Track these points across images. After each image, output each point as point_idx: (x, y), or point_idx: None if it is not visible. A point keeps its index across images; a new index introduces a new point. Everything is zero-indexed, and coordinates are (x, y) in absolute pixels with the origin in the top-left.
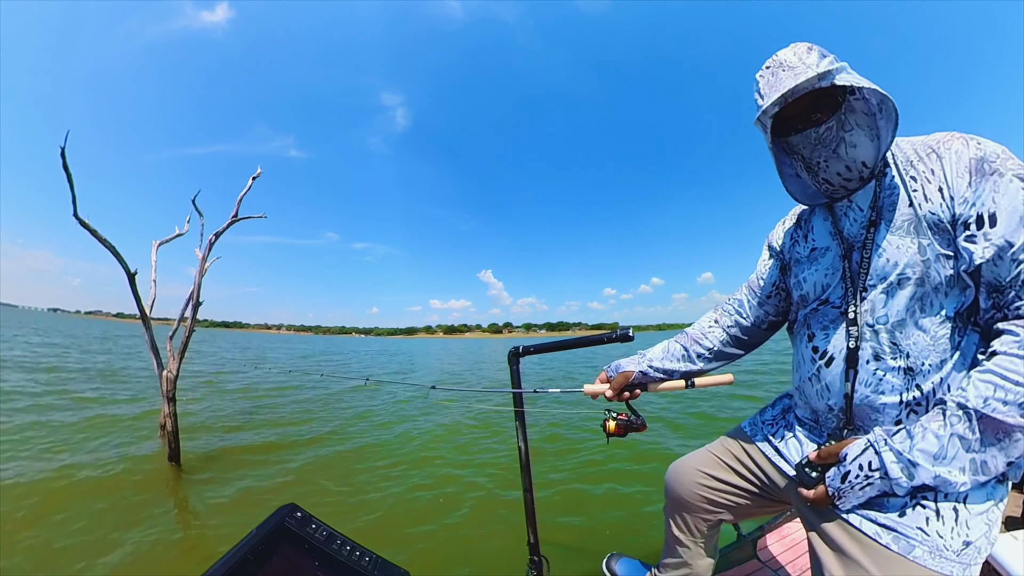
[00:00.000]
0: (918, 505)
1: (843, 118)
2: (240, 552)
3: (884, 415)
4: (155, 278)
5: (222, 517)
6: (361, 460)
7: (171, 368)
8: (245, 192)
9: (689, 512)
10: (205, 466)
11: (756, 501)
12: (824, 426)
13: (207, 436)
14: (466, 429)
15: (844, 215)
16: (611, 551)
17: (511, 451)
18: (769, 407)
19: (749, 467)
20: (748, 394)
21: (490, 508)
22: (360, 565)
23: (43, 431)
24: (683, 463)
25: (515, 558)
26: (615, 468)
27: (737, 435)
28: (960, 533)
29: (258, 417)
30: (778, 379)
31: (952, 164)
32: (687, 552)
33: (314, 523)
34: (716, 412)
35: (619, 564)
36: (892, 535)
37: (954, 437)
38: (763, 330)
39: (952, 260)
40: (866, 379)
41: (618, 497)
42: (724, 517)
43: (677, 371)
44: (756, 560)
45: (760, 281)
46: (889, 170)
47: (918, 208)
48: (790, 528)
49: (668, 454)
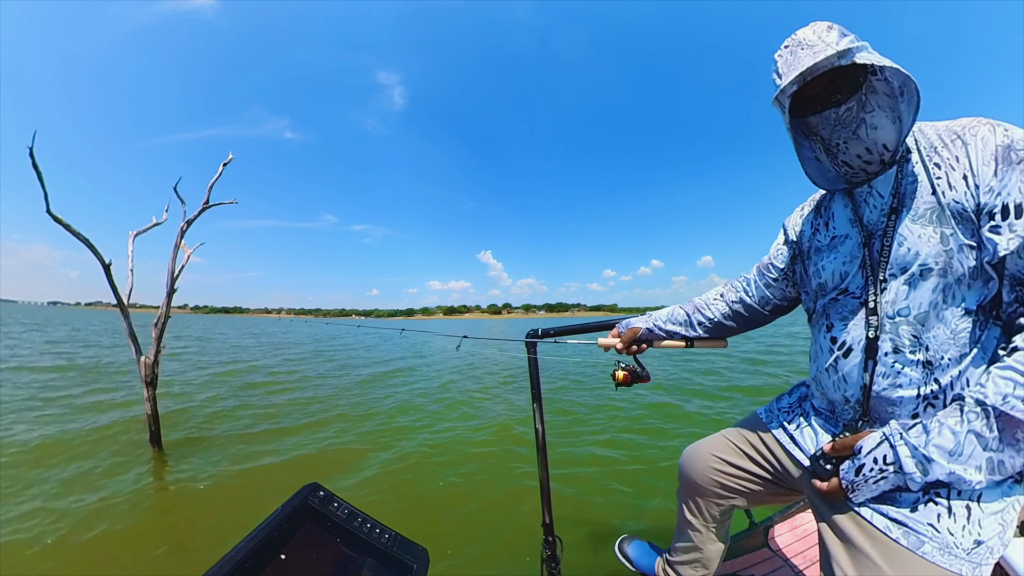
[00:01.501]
0: (930, 501)
1: (864, 99)
2: (266, 529)
3: (901, 408)
4: (132, 267)
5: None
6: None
7: (149, 354)
8: (216, 179)
9: (702, 496)
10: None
11: (769, 488)
12: (840, 417)
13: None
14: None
15: (864, 201)
16: (623, 533)
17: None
18: (786, 395)
19: (763, 454)
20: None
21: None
22: (380, 542)
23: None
24: (698, 447)
25: (529, 538)
26: (631, 450)
27: (752, 421)
28: (972, 532)
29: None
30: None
31: (978, 151)
32: (699, 536)
33: (336, 501)
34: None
35: (631, 546)
36: (902, 530)
37: (971, 434)
38: (766, 312)
39: (975, 251)
40: (884, 371)
41: (632, 478)
42: (737, 503)
43: (678, 333)
44: (767, 548)
45: (770, 264)
46: (911, 156)
47: (941, 196)
48: (802, 518)
49: (686, 439)
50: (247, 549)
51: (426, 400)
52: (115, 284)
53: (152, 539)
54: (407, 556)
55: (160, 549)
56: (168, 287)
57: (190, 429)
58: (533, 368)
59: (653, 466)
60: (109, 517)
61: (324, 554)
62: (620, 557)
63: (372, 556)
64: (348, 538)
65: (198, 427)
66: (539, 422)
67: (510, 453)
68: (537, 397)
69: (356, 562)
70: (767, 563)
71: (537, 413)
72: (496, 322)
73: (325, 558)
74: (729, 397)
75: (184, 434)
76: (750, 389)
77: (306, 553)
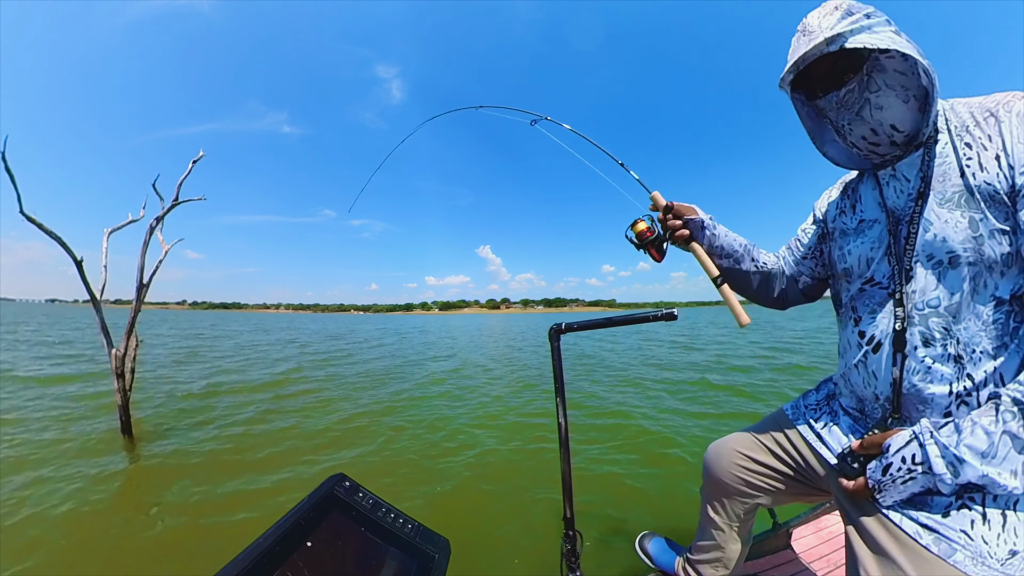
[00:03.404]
0: (964, 506)
1: (866, 79)
2: (293, 517)
3: (933, 406)
4: (106, 264)
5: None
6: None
7: (120, 347)
8: (185, 176)
9: (726, 494)
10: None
11: (794, 487)
12: (870, 416)
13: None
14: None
15: (887, 185)
16: (644, 529)
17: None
18: (813, 391)
19: (789, 452)
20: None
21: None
22: (404, 532)
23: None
24: (723, 444)
25: (548, 530)
26: (655, 450)
27: (779, 418)
28: (1007, 541)
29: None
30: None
31: (1013, 128)
32: (721, 535)
33: (361, 491)
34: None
35: (652, 543)
36: (933, 536)
37: (1006, 435)
38: (797, 288)
39: (1009, 236)
40: (914, 367)
41: (655, 475)
42: (761, 501)
43: (729, 253)
44: (790, 550)
45: (798, 242)
46: (940, 136)
47: (971, 178)
48: (828, 520)
49: (710, 436)
50: (275, 536)
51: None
52: (87, 280)
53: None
54: (429, 546)
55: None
56: (138, 281)
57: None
58: (556, 359)
59: (676, 463)
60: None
61: (349, 542)
62: (640, 553)
63: (395, 545)
64: (372, 527)
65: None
66: (562, 415)
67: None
68: (560, 390)
69: (380, 550)
70: (790, 565)
71: (560, 406)
72: (496, 317)
73: (350, 546)
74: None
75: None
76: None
77: (332, 541)
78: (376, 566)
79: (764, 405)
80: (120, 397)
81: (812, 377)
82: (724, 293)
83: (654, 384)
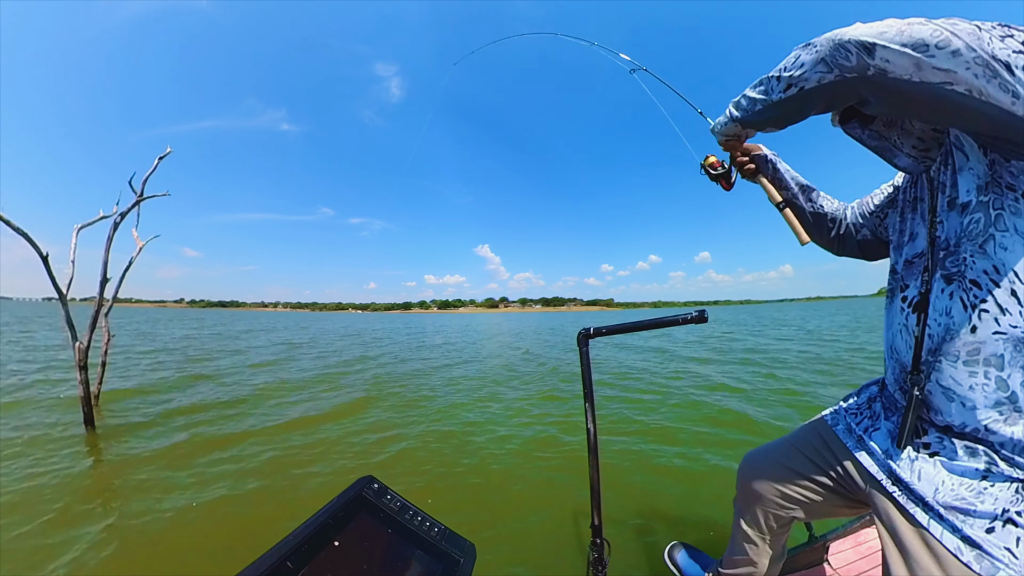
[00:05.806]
0: (1010, 522)
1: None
2: (321, 517)
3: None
4: (74, 259)
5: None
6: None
7: (83, 340)
8: (151, 172)
9: (760, 506)
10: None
11: (832, 499)
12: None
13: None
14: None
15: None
16: (673, 540)
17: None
18: (853, 395)
19: (828, 460)
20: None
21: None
22: (430, 535)
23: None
24: (758, 453)
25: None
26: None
27: (818, 426)
28: None
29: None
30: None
31: None
32: (754, 549)
33: (389, 494)
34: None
35: (681, 555)
36: (975, 552)
37: None
38: (855, 239)
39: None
40: (942, 322)
41: (688, 479)
42: (796, 514)
43: (787, 187)
44: (827, 565)
45: (871, 197)
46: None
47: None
48: (867, 535)
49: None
50: (303, 535)
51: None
52: (54, 275)
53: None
54: (455, 550)
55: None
56: (102, 275)
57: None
58: (585, 364)
59: (711, 471)
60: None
61: (375, 543)
62: (669, 564)
63: (421, 548)
64: (399, 529)
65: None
66: (591, 421)
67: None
68: (589, 396)
69: (406, 553)
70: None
71: (589, 412)
72: (494, 316)
73: (376, 547)
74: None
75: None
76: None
77: (358, 542)
78: (401, 567)
79: (799, 412)
80: (83, 388)
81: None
82: (786, 216)
83: (678, 389)
